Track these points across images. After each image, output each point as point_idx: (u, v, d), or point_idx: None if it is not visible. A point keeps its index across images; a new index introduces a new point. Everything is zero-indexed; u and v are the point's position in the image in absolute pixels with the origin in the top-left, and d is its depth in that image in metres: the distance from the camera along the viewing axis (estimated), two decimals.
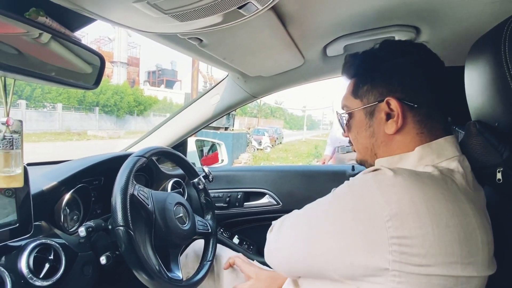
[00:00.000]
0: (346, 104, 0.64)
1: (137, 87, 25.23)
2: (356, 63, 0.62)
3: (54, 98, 17.19)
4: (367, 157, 0.62)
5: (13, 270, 0.64)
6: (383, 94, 0.56)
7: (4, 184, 0.51)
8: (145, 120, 22.27)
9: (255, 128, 20.40)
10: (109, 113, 20.09)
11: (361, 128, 0.61)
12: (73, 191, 0.86)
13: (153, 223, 0.83)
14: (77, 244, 0.81)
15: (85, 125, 18.08)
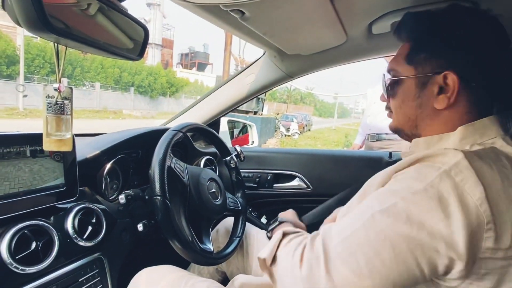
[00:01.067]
0: (395, 68, 0.59)
1: (170, 69, 25.75)
2: (418, 25, 0.56)
3: (92, 77, 18.02)
4: (405, 127, 0.59)
5: (60, 230, 0.68)
6: (442, 66, 0.51)
7: (55, 147, 0.54)
8: (176, 102, 22.80)
9: (284, 113, 20.20)
10: (143, 93, 20.77)
11: (408, 97, 0.56)
12: (113, 161, 0.90)
13: (188, 196, 0.85)
14: (116, 211, 0.86)
15: (120, 104, 18.86)
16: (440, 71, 0.51)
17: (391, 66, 0.60)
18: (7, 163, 0.60)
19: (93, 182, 0.86)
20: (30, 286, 0.60)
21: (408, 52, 0.56)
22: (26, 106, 13.14)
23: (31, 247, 0.61)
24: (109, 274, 0.75)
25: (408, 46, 0.57)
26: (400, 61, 0.58)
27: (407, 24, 0.58)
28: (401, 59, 0.57)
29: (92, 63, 18.02)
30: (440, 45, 0.53)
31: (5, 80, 13.73)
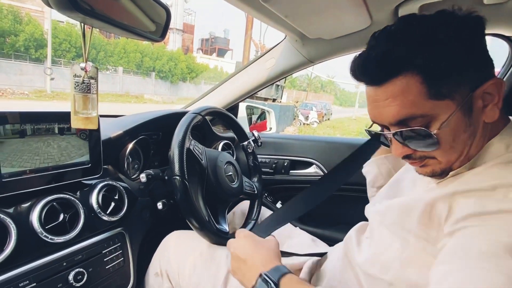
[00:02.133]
0: (421, 113, 0.46)
1: (190, 55, 25.86)
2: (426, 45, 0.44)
3: (115, 62, 18.41)
4: (456, 163, 0.50)
5: (86, 204, 0.72)
6: (478, 80, 0.46)
7: (82, 125, 0.56)
8: (196, 88, 22.96)
9: (303, 102, 19.94)
10: (164, 78, 21.04)
11: (459, 132, 0.47)
12: (135, 141, 0.93)
13: (205, 177, 0.87)
14: (137, 189, 0.89)
15: (142, 89, 19.23)
16: (478, 85, 0.46)
17: (409, 112, 0.46)
18: (37, 139, 0.63)
19: (116, 161, 0.90)
20: (58, 254, 0.64)
21: (426, 87, 0.44)
22: (53, 89, 13.66)
23: (59, 219, 0.65)
24: (130, 248, 0.79)
25: (419, 79, 0.44)
26: (422, 101, 0.45)
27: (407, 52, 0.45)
28: (421, 99, 0.45)
29: (115, 47, 18.38)
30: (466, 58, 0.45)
31: (34, 63, 14.26)
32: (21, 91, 12.39)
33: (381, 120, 0.50)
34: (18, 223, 0.59)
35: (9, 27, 13.45)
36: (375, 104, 0.49)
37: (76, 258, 0.67)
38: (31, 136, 0.62)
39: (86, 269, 0.67)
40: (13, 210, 0.60)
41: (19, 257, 0.59)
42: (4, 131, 0.58)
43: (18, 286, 0.57)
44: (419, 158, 0.51)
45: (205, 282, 0.74)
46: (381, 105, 0.48)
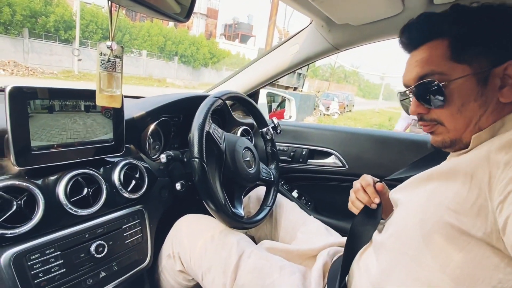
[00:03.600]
0: (440, 70, 0.52)
1: (212, 40, 25.79)
2: (461, 19, 0.51)
3: (140, 45, 18.68)
4: (465, 134, 0.52)
5: (108, 181, 0.75)
6: (500, 58, 0.48)
7: (106, 103, 0.57)
8: (217, 73, 22.99)
9: (325, 92, 19.55)
10: (186, 63, 21.19)
11: (469, 98, 0.51)
12: (157, 122, 0.95)
13: (223, 161, 0.88)
14: (157, 169, 0.92)
15: (165, 73, 19.48)
16: (500, 63, 0.48)
17: (430, 69, 0.53)
18: (65, 115, 0.65)
19: (138, 141, 0.92)
20: (81, 226, 0.67)
21: (451, 50, 0.51)
22: (81, 70, 14.09)
23: (83, 193, 0.68)
24: (148, 225, 0.82)
25: (446, 43, 0.51)
26: (443, 61, 0.51)
27: (443, 20, 0.53)
28: (443, 59, 0.51)
29: (139, 30, 18.61)
30: (497, 34, 0.49)
31: (63, 44, 14.72)
32: (51, 70, 12.88)
33: (407, 80, 0.57)
34: (45, 194, 0.62)
35: (40, 8, 13.87)
36: (407, 68, 0.57)
37: (97, 231, 0.70)
38: (59, 112, 0.64)
39: (107, 242, 0.70)
40: (41, 182, 0.64)
41: (45, 226, 0.62)
42: (34, 105, 0.60)
43: (44, 253, 0.60)
44: (430, 121, 0.56)
45: (216, 267, 0.76)
46: (410, 68, 0.56)
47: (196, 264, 0.79)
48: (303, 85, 11.72)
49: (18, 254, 0.57)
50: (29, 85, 0.60)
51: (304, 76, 10.94)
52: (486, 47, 0.49)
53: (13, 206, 0.57)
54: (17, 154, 0.59)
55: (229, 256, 0.76)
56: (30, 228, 0.59)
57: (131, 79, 15.96)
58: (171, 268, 0.86)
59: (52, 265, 0.61)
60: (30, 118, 0.60)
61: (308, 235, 0.93)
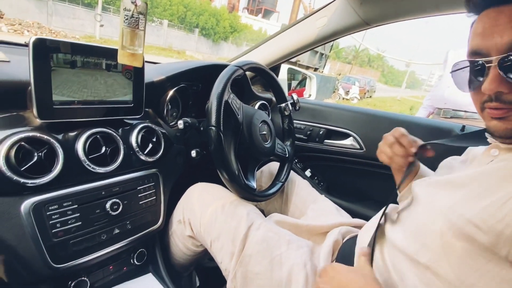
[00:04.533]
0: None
1: (235, 13, 25.15)
2: None
3: (160, 14, 18.44)
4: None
5: (126, 142, 0.76)
6: None
7: (127, 61, 0.57)
8: (237, 49, 22.60)
9: (346, 75, 18.99)
10: (207, 36, 20.87)
11: None
12: (176, 89, 0.94)
13: (239, 133, 0.87)
14: (174, 136, 0.92)
15: (184, 44, 19.29)
16: None
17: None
18: (86, 72, 0.65)
19: (156, 106, 0.92)
20: (98, 183, 0.69)
21: None
22: (102, 36, 14.12)
23: (101, 151, 0.69)
24: (162, 189, 0.83)
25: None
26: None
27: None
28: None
29: None
30: None
31: (86, 8, 14.69)
32: (73, 34, 12.94)
33: (489, 46, 0.45)
34: (65, 149, 0.63)
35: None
36: (490, 29, 0.45)
37: (113, 189, 0.71)
38: (80, 68, 0.64)
39: (122, 201, 0.72)
40: (62, 137, 0.65)
41: (64, 180, 0.64)
42: (57, 59, 0.60)
43: (62, 205, 0.62)
44: (509, 103, 0.45)
45: (225, 236, 0.76)
46: (499, 29, 0.44)
47: (206, 231, 0.80)
48: (324, 66, 11.41)
49: (38, 203, 0.59)
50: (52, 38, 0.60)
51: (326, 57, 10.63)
52: None
53: (34, 157, 0.59)
54: (39, 106, 0.60)
55: (238, 226, 0.77)
56: (49, 180, 0.60)
57: (151, 49, 15.92)
58: (181, 233, 0.88)
59: (69, 217, 0.63)
60: (53, 72, 0.60)
61: (318, 213, 0.92)
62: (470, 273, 0.44)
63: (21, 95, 0.62)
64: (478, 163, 0.56)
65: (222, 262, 0.76)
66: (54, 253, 0.61)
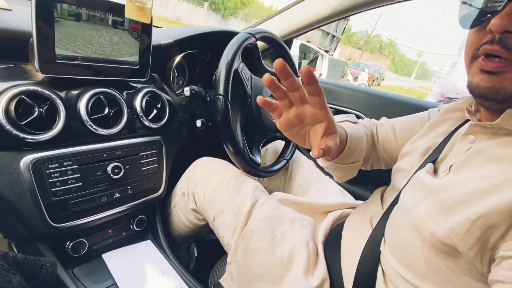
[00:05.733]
0: None
1: None
2: None
3: None
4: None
5: (130, 105, 0.73)
6: None
7: (135, 16, 0.53)
8: (247, 25, 22.06)
9: (356, 61, 18.60)
10: (216, 10, 20.31)
11: None
12: (183, 55, 0.90)
13: (247, 105, 0.84)
14: (179, 104, 0.89)
15: (193, 18, 18.81)
16: None
17: None
18: (91, 27, 0.61)
19: (163, 71, 0.88)
20: (100, 145, 0.67)
21: None
22: None
23: (104, 112, 0.67)
24: (165, 157, 0.81)
25: None
26: None
27: None
28: None
29: None
30: None
31: None
32: None
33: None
34: (67, 106, 0.61)
35: None
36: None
37: (116, 153, 0.70)
38: (85, 21, 0.60)
39: (124, 165, 0.70)
40: (64, 94, 0.62)
41: (65, 138, 0.62)
42: (61, 10, 0.56)
43: (62, 164, 0.61)
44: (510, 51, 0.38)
45: (229, 211, 0.75)
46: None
47: (210, 205, 0.79)
48: (335, 49, 11.14)
49: (37, 160, 0.58)
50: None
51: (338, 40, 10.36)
52: None
53: (34, 112, 0.56)
54: (41, 59, 0.57)
55: (243, 202, 0.75)
56: (50, 137, 0.58)
57: (159, 21, 15.54)
58: (184, 206, 0.87)
59: (69, 177, 0.62)
60: (56, 23, 0.57)
61: (322, 193, 0.91)
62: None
63: (22, 46, 0.59)
64: (455, 152, 0.50)
65: (224, 236, 0.76)
66: (53, 212, 0.60)
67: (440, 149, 0.56)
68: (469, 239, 0.38)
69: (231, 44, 0.78)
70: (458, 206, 0.40)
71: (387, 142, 0.76)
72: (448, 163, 0.50)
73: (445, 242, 0.40)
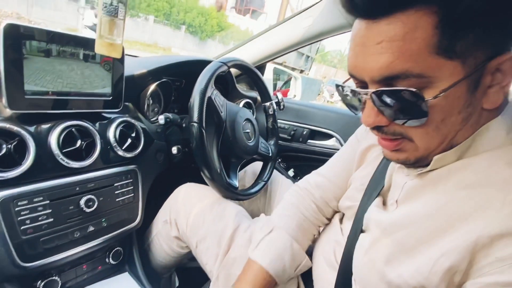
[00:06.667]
0: (418, 71, 0.34)
1: (222, 12, 25.02)
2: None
3: (145, 9, 18.11)
4: (435, 152, 0.40)
5: (103, 136, 0.73)
6: (499, 47, 0.34)
7: (105, 51, 0.54)
8: (224, 47, 22.41)
9: (331, 79, 19.27)
10: (194, 33, 20.64)
11: (453, 112, 0.36)
12: (158, 83, 0.92)
13: (223, 130, 0.85)
14: (154, 132, 0.89)
15: (171, 41, 18.98)
16: (496, 54, 0.34)
17: (403, 68, 0.34)
18: (62, 62, 0.62)
19: (137, 100, 0.89)
20: (72, 178, 0.66)
21: (441, 33, 0.32)
22: None
23: (76, 145, 0.66)
24: (140, 186, 0.80)
25: (433, 20, 0.32)
26: (424, 54, 0.33)
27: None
28: (425, 51, 0.33)
29: None
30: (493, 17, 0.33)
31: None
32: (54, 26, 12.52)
33: (362, 71, 0.38)
34: (37, 142, 0.60)
35: None
36: (361, 48, 0.37)
37: (89, 185, 0.68)
38: (56, 57, 0.61)
39: (97, 197, 0.69)
40: (34, 129, 0.61)
41: (35, 174, 0.60)
42: (30, 47, 0.57)
43: (32, 200, 0.59)
44: (392, 134, 0.40)
45: (211, 237, 0.75)
46: (370, 51, 0.35)
47: (192, 231, 0.78)
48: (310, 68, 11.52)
49: (5, 198, 0.56)
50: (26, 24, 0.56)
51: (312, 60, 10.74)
52: (488, 29, 0.33)
53: (2, 149, 0.55)
54: (9, 96, 0.56)
55: (225, 227, 0.75)
56: (19, 174, 0.57)
57: (136, 44, 15.59)
58: (167, 234, 0.85)
59: (40, 214, 0.60)
60: (25, 60, 0.57)
61: None
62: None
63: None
64: (395, 186, 0.50)
65: (207, 263, 0.75)
66: (23, 251, 0.58)
67: (379, 178, 0.55)
68: (434, 278, 0.37)
69: (203, 73, 0.80)
70: (420, 246, 0.40)
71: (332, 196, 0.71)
72: (393, 196, 0.50)
73: (412, 284, 0.40)
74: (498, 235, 0.33)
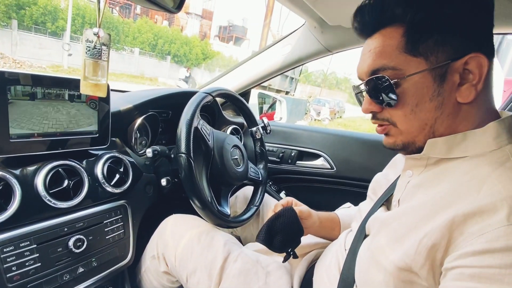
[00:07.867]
0: (392, 65, 0.46)
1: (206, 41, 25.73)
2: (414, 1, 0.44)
3: (131, 42, 18.50)
4: (419, 137, 0.48)
5: (91, 174, 0.73)
6: (460, 50, 0.43)
7: (91, 91, 0.56)
8: (210, 74, 22.87)
9: (316, 97, 19.70)
10: (179, 63, 21.04)
11: (424, 98, 0.45)
12: (144, 117, 0.93)
13: (211, 158, 0.86)
14: (143, 165, 0.89)
15: (157, 71, 19.27)
16: (459, 56, 0.43)
17: (382, 63, 0.46)
18: (47, 103, 0.63)
19: (124, 135, 0.90)
20: (59, 219, 0.65)
21: (406, 39, 0.44)
22: (70, 65, 13.81)
23: (63, 185, 0.66)
24: (131, 221, 0.79)
25: (401, 31, 0.45)
26: (396, 53, 0.45)
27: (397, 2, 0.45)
28: (397, 51, 0.45)
29: (129, 28, 18.48)
30: (455, 22, 0.43)
31: (53, 37, 14.41)
32: (39, 64, 12.56)
33: (361, 72, 0.51)
34: (23, 184, 0.60)
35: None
36: (361, 56, 0.51)
37: (77, 225, 0.67)
38: (41, 99, 0.62)
39: (86, 237, 0.68)
40: (19, 172, 0.61)
41: (21, 218, 0.59)
42: (15, 91, 0.58)
43: (19, 246, 0.58)
44: (382, 120, 0.51)
45: (201, 270, 0.73)
46: (364, 57, 0.50)
47: (181, 265, 0.76)
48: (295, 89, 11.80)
49: None
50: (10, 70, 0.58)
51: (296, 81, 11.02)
52: (445, 36, 0.43)
53: None
54: None
55: (215, 258, 0.74)
56: (4, 220, 0.56)
57: (122, 77, 15.74)
58: (155, 269, 0.83)
59: (27, 259, 0.59)
60: (10, 105, 0.58)
61: None
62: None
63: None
64: (399, 188, 0.56)
65: None
66: None
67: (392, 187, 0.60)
68: (419, 259, 0.41)
69: (189, 104, 0.82)
70: (409, 232, 0.44)
71: None
72: (396, 198, 0.55)
73: (401, 266, 0.43)
74: (471, 213, 0.38)
